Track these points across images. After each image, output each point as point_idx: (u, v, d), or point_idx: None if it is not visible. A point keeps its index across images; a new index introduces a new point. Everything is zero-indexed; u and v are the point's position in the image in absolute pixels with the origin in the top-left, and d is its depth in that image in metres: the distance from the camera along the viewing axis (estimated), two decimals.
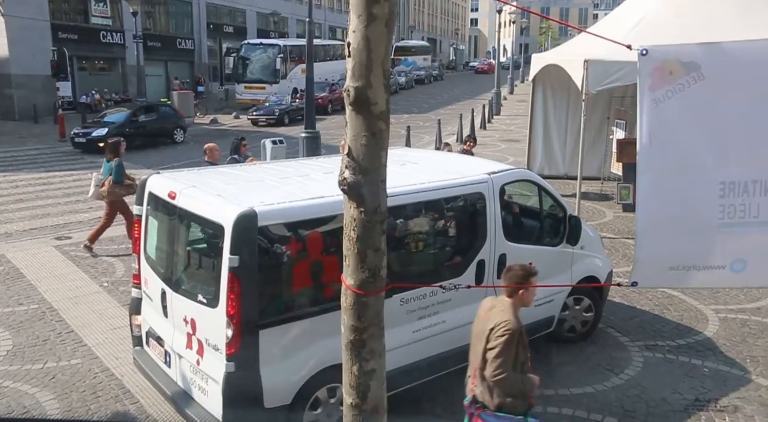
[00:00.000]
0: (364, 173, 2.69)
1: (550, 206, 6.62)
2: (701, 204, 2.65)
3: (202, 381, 4.67)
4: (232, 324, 4.33)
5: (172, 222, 5.16)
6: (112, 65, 35.01)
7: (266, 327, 4.45)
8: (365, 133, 2.66)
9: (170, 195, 5.01)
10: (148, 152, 19.51)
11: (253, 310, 4.38)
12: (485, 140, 21.97)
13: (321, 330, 4.64)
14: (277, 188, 5.16)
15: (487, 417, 3.84)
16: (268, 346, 4.45)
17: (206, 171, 6.07)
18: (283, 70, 33.64)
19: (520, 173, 6.57)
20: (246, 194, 4.90)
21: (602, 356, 6.51)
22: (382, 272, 2.85)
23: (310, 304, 4.73)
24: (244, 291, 4.32)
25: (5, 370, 6.08)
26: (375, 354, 2.92)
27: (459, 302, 5.52)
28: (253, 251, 4.37)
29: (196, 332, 4.70)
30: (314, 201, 4.75)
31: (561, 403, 5.62)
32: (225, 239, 4.35)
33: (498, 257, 5.74)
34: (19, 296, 7.93)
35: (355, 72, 2.61)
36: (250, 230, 4.34)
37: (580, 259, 6.66)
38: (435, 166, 6.53)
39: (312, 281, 4.76)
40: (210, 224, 4.68)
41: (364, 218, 2.74)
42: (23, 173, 16.38)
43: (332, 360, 4.63)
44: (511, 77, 43.51)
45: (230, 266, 4.30)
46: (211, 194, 4.83)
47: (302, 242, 4.70)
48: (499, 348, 3.73)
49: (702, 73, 2.51)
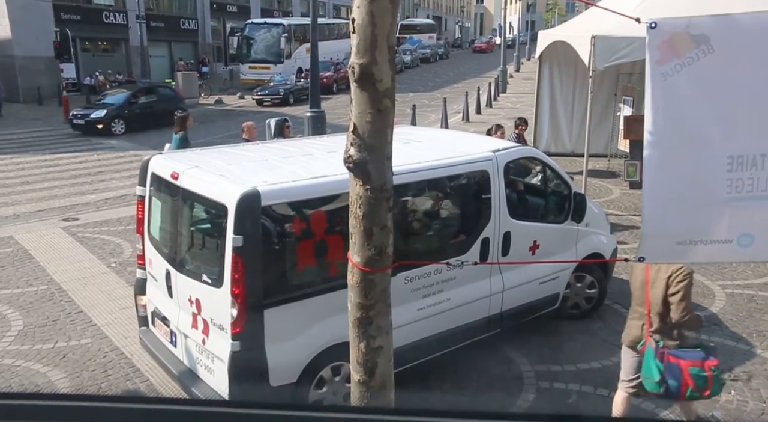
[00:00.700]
0: (370, 150, 2.68)
1: (554, 184, 6.59)
2: (709, 179, 2.63)
3: (208, 360, 4.71)
4: (237, 303, 4.35)
5: (176, 203, 5.17)
6: (115, 46, 34.84)
7: (271, 306, 4.47)
8: (370, 110, 2.65)
9: (173, 176, 5.01)
10: (149, 133, 19.49)
11: (257, 289, 4.40)
12: (491, 118, 21.83)
13: (326, 309, 4.67)
14: (280, 167, 5.15)
15: (677, 353, 4.16)
16: (273, 325, 4.47)
17: (208, 151, 6.06)
18: (288, 50, 33.43)
19: (524, 150, 6.54)
20: (249, 173, 4.89)
21: (609, 331, 6.52)
22: (388, 249, 2.85)
23: (315, 283, 4.75)
24: (248, 271, 4.34)
25: (17, 350, 6.16)
26: (382, 331, 2.93)
27: (463, 281, 5.52)
28: (256, 231, 4.37)
29: (201, 311, 4.73)
30: (317, 180, 4.74)
31: (568, 378, 5.65)
32: (228, 219, 4.36)
33: (503, 234, 5.73)
34: (29, 277, 7.99)
35: (359, 48, 2.59)
36: (253, 209, 4.34)
37: (585, 236, 6.64)
38: (439, 144, 6.50)
39: (316, 260, 4.78)
40: (213, 204, 4.68)
41: (370, 196, 2.73)
42: (29, 155, 16.42)
43: (338, 338, 4.65)
44: (517, 55, 43.15)
45: (234, 246, 4.31)
46: (213, 174, 4.82)
47: (306, 222, 4.72)
48: (683, 291, 4.16)
49: (712, 46, 2.47)
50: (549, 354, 6.09)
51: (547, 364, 5.90)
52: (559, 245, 6.37)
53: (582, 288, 6.74)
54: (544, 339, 6.40)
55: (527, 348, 6.16)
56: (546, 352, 6.12)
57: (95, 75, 31.03)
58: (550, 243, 6.25)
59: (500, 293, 5.82)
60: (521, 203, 6.48)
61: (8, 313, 6.96)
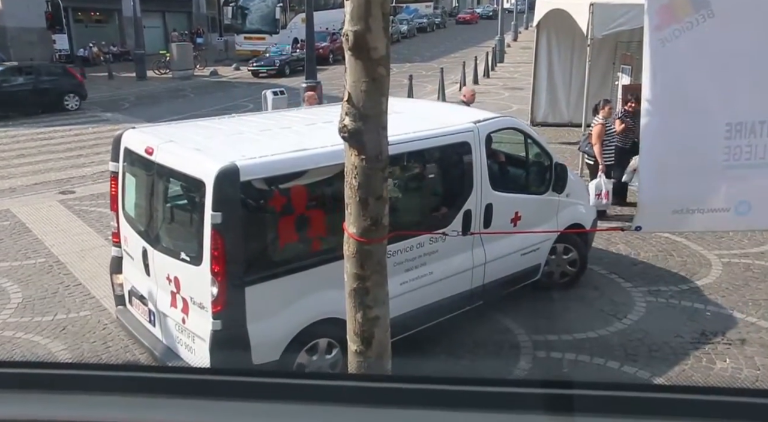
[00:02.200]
0: (365, 119, 2.65)
1: (535, 154, 6.55)
2: (706, 146, 2.60)
3: (189, 340, 4.63)
4: (217, 281, 4.25)
5: (150, 179, 5.02)
6: (108, 17, 34.36)
7: (252, 283, 4.38)
8: (365, 79, 2.62)
9: (147, 151, 4.84)
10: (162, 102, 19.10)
11: (237, 267, 4.31)
12: (488, 87, 21.66)
13: (308, 285, 4.62)
14: (258, 141, 5.04)
15: None
16: (254, 302, 4.38)
17: (183, 124, 5.90)
18: (283, 20, 32.96)
19: (506, 121, 6.46)
20: (226, 148, 4.77)
21: (605, 301, 6.57)
22: (384, 219, 2.85)
23: (296, 259, 4.66)
24: (228, 248, 4.24)
25: (17, 322, 6.19)
26: (378, 302, 2.94)
27: (446, 254, 5.49)
28: (235, 207, 4.28)
29: (180, 290, 4.63)
30: (297, 154, 4.63)
31: (564, 348, 5.70)
32: (206, 196, 4.24)
33: (484, 206, 5.68)
34: (26, 250, 8.00)
35: (353, 15, 2.55)
36: (231, 185, 4.22)
37: (566, 207, 6.62)
38: (420, 115, 6.38)
39: (297, 236, 4.70)
40: (190, 180, 4.55)
41: (366, 166, 2.72)
42: (23, 128, 16.28)
43: (321, 313, 4.69)
44: (515, 23, 42.59)
45: (213, 223, 4.19)
46: (189, 149, 4.69)
47: (286, 196, 4.61)
48: None
49: (712, 11, 2.42)
50: (545, 323, 6.13)
51: (543, 334, 5.94)
52: (540, 216, 6.35)
53: (564, 259, 6.74)
54: (541, 308, 6.44)
55: (523, 318, 6.20)
56: (542, 322, 6.17)
57: (89, 47, 30.65)
58: (531, 214, 6.21)
59: (482, 266, 5.80)
60: (503, 175, 6.43)
61: (7, 286, 6.97)
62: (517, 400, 0.70)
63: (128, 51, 32.36)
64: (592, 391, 0.72)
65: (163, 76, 26.87)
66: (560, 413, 0.67)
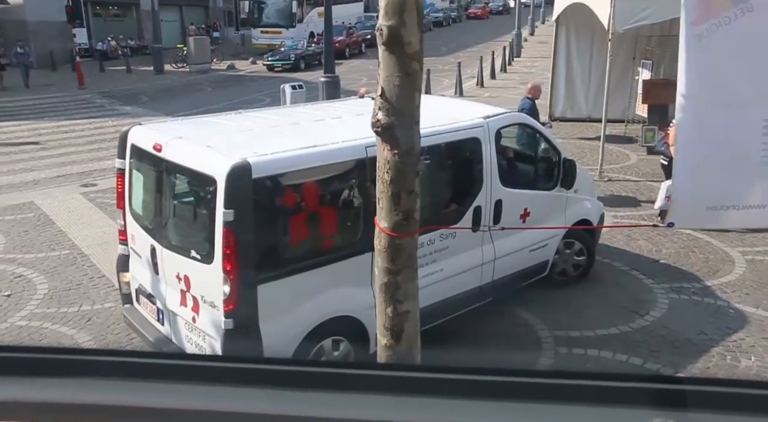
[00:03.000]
0: (398, 114, 2.66)
1: (544, 150, 6.52)
2: (743, 142, 2.58)
3: (199, 338, 4.61)
4: (229, 280, 4.21)
5: (159, 176, 4.94)
6: (126, 11, 34.58)
7: (264, 281, 4.34)
8: (398, 73, 2.62)
9: (155, 147, 4.77)
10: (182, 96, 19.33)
11: (250, 265, 4.27)
12: (506, 82, 21.55)
13: (320, 283, 4.60)
14: (268, 137, 4.98)
15: None
16: (266, 301, 4.34)
17: (190, 121, 5.85)
18: (300, 14, 32.97)
19: (515, 116, 6.43)
20: (237, 144, 4.70)
21: (627, 298, 6.53)
22: (415, 214, 2.86)
23: (308, 257, 4.63)
24: (241, 246, 4.19)
25: (43, 312, 6.29)
26: (409, 296, 2.95)
27: (456, 251, 5.47)
28: (248, 205, 4.23)
29: (191, 289, 4.58)
30: (308, 150, 4.57)
31: (587, 344, 5.68)
32: (218, 193, 4.18)
33: (494, 202, 5.65)
34: (51, 242, 8.10)
35: (387, 10, 2.55)
36: (244, 182, 4.17)
37: (574, 202, 6.60)
38: (428, 111, 6.38)
39: (309, 233, 4.69)
40: (201, 177, 4.48)
41: (398, 161, 2.73)
42: (45, 121, 16.45)
43: (333, 312, 4.69)
44: (532, 18, 42.26)
45: (225, 221, 4.14)
46: (200, 146, 4.63)
47: (298, 193, 4.58)
48: None
49: (751, 5, 2.39)
50: (567, 319, 6.11)
51: (565, 330, 5.93)
52: (548, 212, 6.32)
53: (572, 255, 6.71)
54: (562, 304, 6.42)
55: (544, 314, 6.18)
56: (564, 318, 6.15)
57: (107, 40, 30.88)
58: (540, 210, 6.19)
59: (492, 262, 5.78)
60: (512, 170, 6.40)
61: (33, 277, 7.08)
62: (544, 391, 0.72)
63: (146, 45, 32.56)
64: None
65: (180, 70, 27.01)
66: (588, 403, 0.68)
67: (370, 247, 4.79)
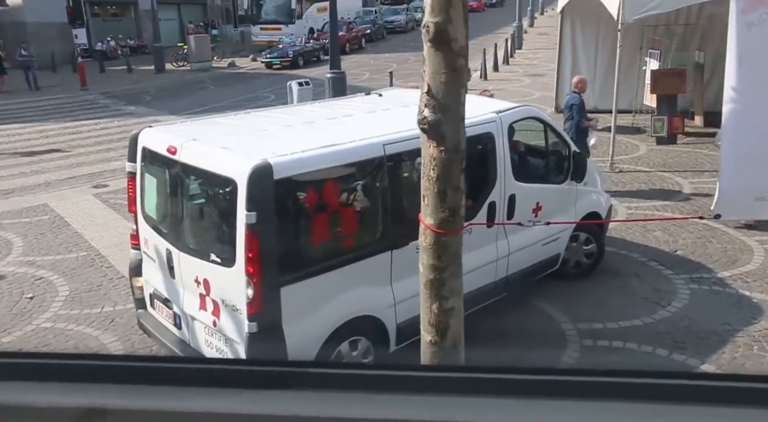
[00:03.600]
0: (444, 110, 2.66)
1: (554, 143, 6.51)
2: None
3: (220, 342, 4.56)
4: (253, 282, 4.16)
5: (174, 179, 4.86)
6: (124, 11, 34.50)
7: (287, 283, 4.29)
8: (444, 70, 2.61)
9: (170, 150, 4.71)
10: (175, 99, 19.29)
11: (273, 267, 4.22)
12: (509, 75, 21.52)
13: (341, 283, 4.58)
14: (284, 137, 4.94)
15: None
16: (289, 303, 4.30)
17: (201, 122, 5.77)
18: (299, 10, 32.90)
19: (527, 110, 6.39)
20: (255, 145, 4.64)
21: (647, 289, 6.53)
22: (461, 211, 2.85)
23: (330, 257, 4.59)
24: (263, 248, 4.14)
25: (67, 314, 6.29)
26: (454, 293, 2.95)
27: (472, 246, 5.31)
28: (270, 206, 4.16)
29: (210, 292, 4.51)
30: (328, 150, 4.52)
31: (611, 336, 5.69)
32: (239, 195, 4.13)
33: (508, 197, 5.63)
34: (68, 244, 8.10)
35: (434, 7, 2.54)
36: (266, 183, 4.11)
37: (584, 195, 6.60)
38: None
39: (330, 234, 4.66)
40: (220, 179, 4.42)
41: (444, 157, 2.72)
42: (50, 122, 16.41)
43: (354, 312, 4.66)
44: (531, 9, 42.15)
45: (247, 223, 4.09)
46: (217, 147, 4.56)
47: (318, 194, 4.52)
48: None
49: None
50: (589, 312, 6.11)
51: (588, 322, 5.93)
52: (560, 206, 6.31)
53: (581, 247, 6.72)
54: (583, 297, 6.42)
55: (566, 307, 6.19)
56: (586, 310, 6.15)
57: (106, 40, 30.80)
58: (551, 204, 6.17)
59: (506, 257, 5.77)
60: (523, 165, 6.37)
61: (53, 279, 7.09)
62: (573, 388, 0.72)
63: (144, 44, 32.51)
64: None
65: (181, 68, 26.96)
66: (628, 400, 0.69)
67: (389, 246, 4.83)
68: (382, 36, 36.06)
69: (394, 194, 4.82)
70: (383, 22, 37.83)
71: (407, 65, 25.24)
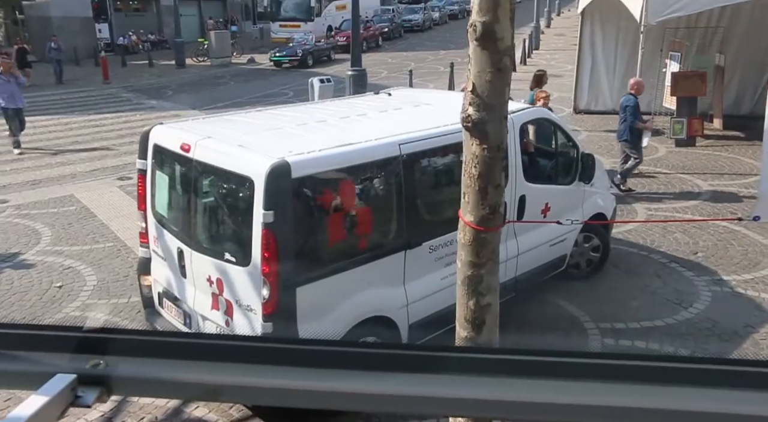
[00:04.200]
0: (489, 109, 2.71)
1: (563, 145, 6.54)
2: None
3: None
4: (269, 282, 4.10)
5: (188, 177, 4.80)
6: (146, 6, 34.78)
7: (303, 283, 4.23)
8: (490, 69, 2.66)
9: (183, 148, 4.64)
10: (205, 90, 19.45)
11: (289, 267, 4.15)
12: (527, 75, 21.42)
13: (356, 283, 4.54)
14: (300, 136, 4.85)
15: None
16: (305, 303, 4.25)
17: (214, 120, 5.69)
18: (318, 8, 33.03)
19: (537, 111, 6.45)
20: (271, 143, 4.55)
21: (668, 290, 6.56)
22: (501, 208, 2.91)
23: (345, 257, 4.54)
24: (281, 248, 4.08)
25: (95, 303, 6.43)
26: (491, 289, 3.00)
27: None
28: (287, 205, 4.11)
29: (224, 292, 4.46)
30: (344, 149, 4.48)
31: (633, 336, 5.72)
32: (255, 194, 4.07)
33: (518, 198, 5.61)
34: (95, 234, 8.25)
35: (482, 6, 2.59)
36: (283, 182, 4.04)
37: (590, 196, 6.62)
38: (450, 106, 6.27)
39: (346, 234, 4.59)
40: (236, 177, 4.33)
41: (487, 155, 2.77)
42: (74, 115, 16.64)
43: (368, 312, 4.62)
44: (548, 10, 42.01)
45: (264, 222, 4.02)
46: (232, 145, 4.47)
47: (335, 193, 4.46)
48: None
49: None
50: (611, 311, 6.15)
51: (610, 322, 5.97)
52: (568, 207, 6.32)
53: (587, 249, 6.75)
54: (604, 297, 6.46)
55: (587, 306, 6.23)
56: (607, 310, 6.19)
57: (128, 35, 31.09)
58: (559, 205, 6.20)
59: (515, 258, 5.76)
60: (533, 166, 6.40)
61: (81, 268, 7.22)
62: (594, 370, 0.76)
63: (165, 39, 32.76)
64: None
65: (201, 63, 27.14)
66: None
67: (402, 246, 4.82)
68: (399, 34, 36.13)
69: (408, 194, 4.80)
70: (401, 21, 37.86)
71: (425, 64, 25.28)
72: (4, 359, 0.77)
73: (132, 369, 0.76)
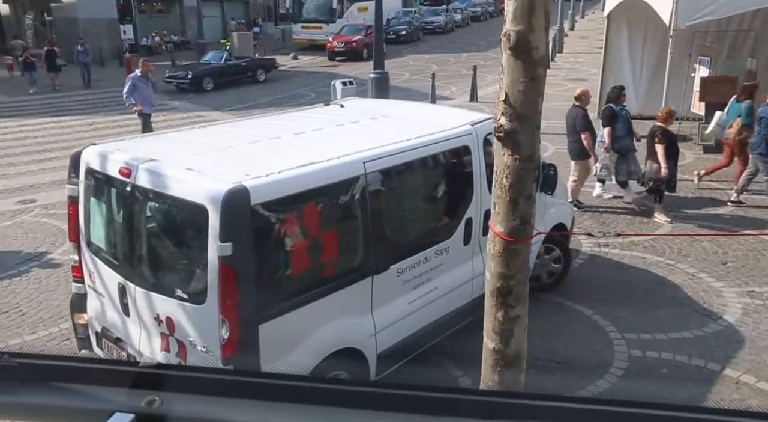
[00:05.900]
0: (521, 119, 2.66)
1: None
2: None
3: None
4: (228, 322, 3.70)
5: (128, 204, 4.29)
6: (170, 7, 35.15)
7: (265, 320, 3.86)
8: (523, 79, 2.62)
9: (122, 172, 4.15)
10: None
11: (250, 303, 3.78)
12: (550, 79, 21.17)
13: (323, 315, 4.21)
14: (254, 156, 4.47)
15: None
16: (269, 341, 3.86)
17: (153, 139, 5.27)
18: (340, 10, 33.14)
19: None
20: (224, 166, 4.11)
21: (697, 301, 6.43)
22: (531, 219, 2.85)
23: (311, 288, 4.15)
24: (240, 283, 3.70)
25: None
26: (520, 301, 2.96)
27: (449, 267, 5.21)
28: (247, 236, 3.71)
29: (175, 332, 4.03)
30: (306, 169, 4.08)
31: (660, 348, 5.61)
32: (210, 224, 3.64)
33: (484, 213, 5.23)
34: None
35: (516, 15, 2.55)
36: (242, 210, 3.65)
37: (551, 206, 6.42)
38: (411, 119, 5.92)
39: (311, 263, 4.21)
40: (185, 205, 3.87)
41: (519, 166, 2.73)
42: (99, 115, 16.84)
43: (335, 345, 4.28)
44: (572, 12, 41.70)
45: (221, 256, 3.61)
46: (180, 169, 3.98)
47: (298, 219, 4.03)
48: None
49: None
50: (637, 322, 6.04)
51: (636, 332, 5.86)
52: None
53: (548, 260, 6.59)
54: (630, 307, 6.34)
55: (613, 316, 6.12)
56: (633, 320, 6.07)
57: (151, 36, 31.43)
58: None
59: (482, 275, 5.48)
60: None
61: None
62: None
63: (188, 40, 33.06)
64: None
65: None
66: None
67: (369, 271, 4.52)
68: (417, 37, 35.79)
69: (374, 216, 4.49)
70: (420, 23, 37.65)
71: (447, 67, 25.21)
72: (62, 393, 0.77)
73: (188, 407, 0.75)
